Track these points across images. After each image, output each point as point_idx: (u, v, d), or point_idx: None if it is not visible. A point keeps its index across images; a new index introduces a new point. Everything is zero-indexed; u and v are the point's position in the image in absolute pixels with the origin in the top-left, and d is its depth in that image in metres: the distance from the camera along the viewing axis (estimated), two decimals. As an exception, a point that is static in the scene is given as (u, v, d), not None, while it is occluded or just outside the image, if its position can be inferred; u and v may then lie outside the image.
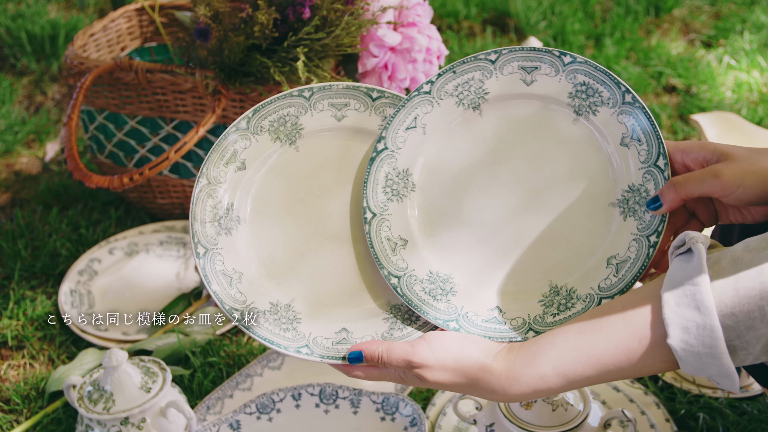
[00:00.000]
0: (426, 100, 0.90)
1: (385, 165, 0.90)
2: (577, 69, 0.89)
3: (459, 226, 0.90)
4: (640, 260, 0.85)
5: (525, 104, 0.90)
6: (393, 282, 0.87)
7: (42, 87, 2.16)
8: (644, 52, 2.16)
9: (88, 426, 1.11)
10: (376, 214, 0.89)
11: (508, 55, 0.90)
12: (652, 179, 0.86)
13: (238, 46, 1.34)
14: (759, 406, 1.17)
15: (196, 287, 1.42)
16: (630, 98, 0.87)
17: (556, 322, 0.85)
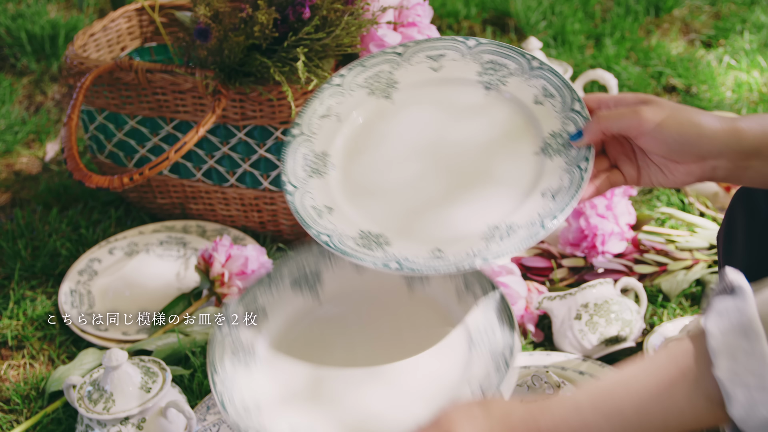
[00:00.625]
0: (337, 92, 0.96)
1: (302, 147, 0.93)
2: (483, 50, 0.96)
3: (385, 194, 0.92)
4: (574, 185, 0.87)
5: (435, 88, 0.97)
6: (324, 239, 0.87)
7: (42, 87, 2.16)
8: (644, 52, 2.16)
9: (88, 426, 1.11)
10: (298, 187, 0.90)
11: (415, 46, 0.98)
12: (572, 122, 0.91)
13: (238, 46, 1.34)
14: (759, 406, 1.17)
15: (196, 287, 1.42)
16: (537, 64, 0.95)
17: (502, 248, 0.85)
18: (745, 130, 0.81)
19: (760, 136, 0.81)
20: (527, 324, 1.32)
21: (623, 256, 1.42)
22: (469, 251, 0.86)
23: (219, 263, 1.36)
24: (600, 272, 1.41)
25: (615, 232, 1.40)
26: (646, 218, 1.48)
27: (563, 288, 1.39)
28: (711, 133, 0.81)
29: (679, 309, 1.36)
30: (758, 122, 0.82)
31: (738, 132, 0.81)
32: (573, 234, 1.42)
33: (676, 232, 1.46)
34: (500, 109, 0.95)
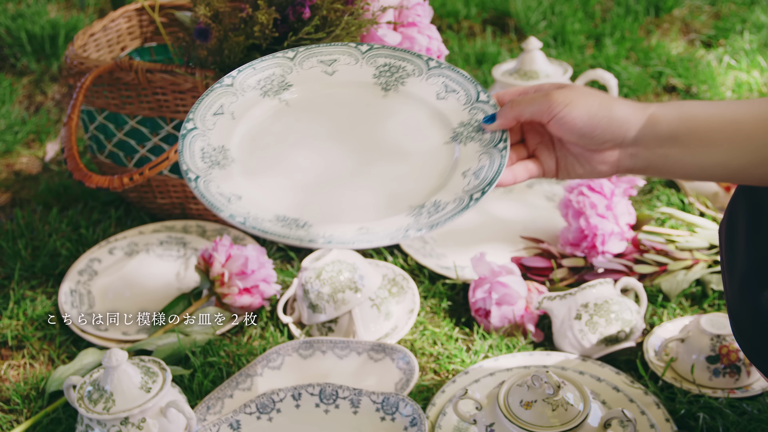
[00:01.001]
0: (229, 92, 0.94)
1: (198, 141, 0.90)
2: (377, 54, 0.96)
3: (295, 186, 0.88)
4: (495, 162, 0.86)
5: (332, 90, 0.96)
6: (239, 220, 0.82)
7: (42, 87, 2.16)
8: (644, 52, 2.16)
9: (88, 426, 1.11)
10: (200, 176, 0.87)
11: (305, 52, 0.97)
12: (480, 111, 0.91)
13: (238, 46, 1.34)
14: (759, 406, 1.17)
15: (196, 287, 1.42)
16: (434, 63, 0.95)
17: (433, 219, 0.83)
18: (658, 115, 0.80)
19: (675, 122, 0.80)
20: (527, 324, 1.32)
21: (623, 256, 1.42)
22: (397, 226, 0.83)
23: (219, 263, 1.36)
24: (600, 272, 1.41)
25: (615, 232, 1.40)
26: (646, 218, 1.48)
27: (563, 288, 1.39)
28: (623, 116, 0.80)
29: (679, 309, 1.36)
30: (673, 108, 0.81)
31: (652, 117, 0.80)
32: (573, 234, 1.42)
33: (676, 232, 1.46)
34: (402, 106, 0.95)
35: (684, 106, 0.82)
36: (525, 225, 1.57)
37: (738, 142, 0.79)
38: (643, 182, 1.46)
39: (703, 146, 0.80)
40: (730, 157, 0.80)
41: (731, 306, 0.86)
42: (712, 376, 1.20)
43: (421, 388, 1.24)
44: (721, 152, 0.80)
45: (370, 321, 1.33)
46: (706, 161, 0.80)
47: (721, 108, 0.81)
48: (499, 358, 1.26)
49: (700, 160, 0.80)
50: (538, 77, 1.72)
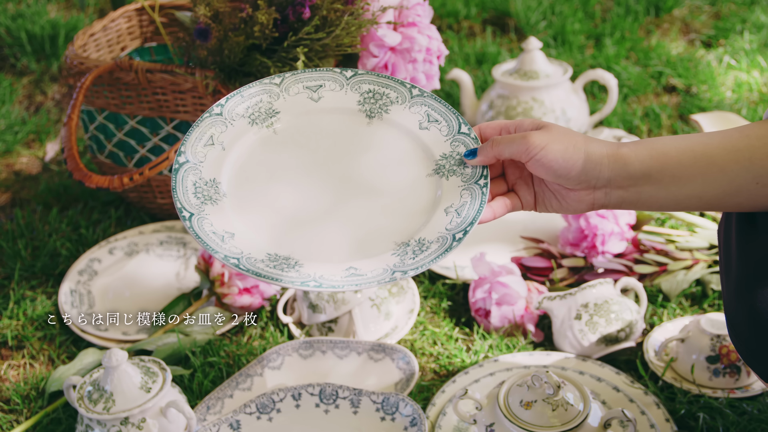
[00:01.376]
0: (219, 121, 0.95)
1: (191, 175, 0.91)
2: (361, 80, 0.98)
3: (283, 220, 0.90)
4: (476, 200, 0.89)
5: (318, 117, 0.98)
6: (233, 262, 0.85)
7: (42, 87, 2.16)
8: (644, 52, 2.16)
9: (88, 426, 1.11)
10: (194, 213, 0.88)
11: (292, 77, 0.99)
12: (461, 143, 0.93)
13: (238, 46, 1.34)
14: (759, 406, 1.17)
15: (196, 287, 1.42)
16: (417, 92, 0.97)
17: (418, 261, 0.85)
18: (630, 156, 0.83)
19: (648, 160, 0.82)
20: (527, 324, 1.32)
21: (623, 256, 1.42)
22: (384, 266, 0.86)
23: (219, 263, 1.36)
24: (600, 272, 1.41)
25: (615, 232, 1.40)
26: (646, 218, 1.48)
27: (563, 288, 1.39)
28: (595, 159, 0.83)
29: (679, 309, 1.36)
30: (645, 147, 0.83)
31: (623, 158, 0.83)
32: (573, 234, 1.42)
33: (676, 232, 1.46)
34: (386, 136, 0.97)
35: (656, 143, 0.84)
36: (525, 225, 1.57)
37: (711, 175, 0.81)
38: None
39: (676, 181, 0.82)
40: (703, 190, 0.82)
41: (727, 308, 0.86)
42: (712, 376, 1.20)
43: (421, 388, 1.24)
44: (694, 185, 0.82)
45: (370, 321, 1.33)
46: (680, 195, 0.83)
47: (692, 142, 0.83)
48: (499, 358, 1.26)
49: (674, 194, 0.83)
50: (538, 77, 1.73)
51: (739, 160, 0.80)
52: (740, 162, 0.80)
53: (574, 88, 1.77)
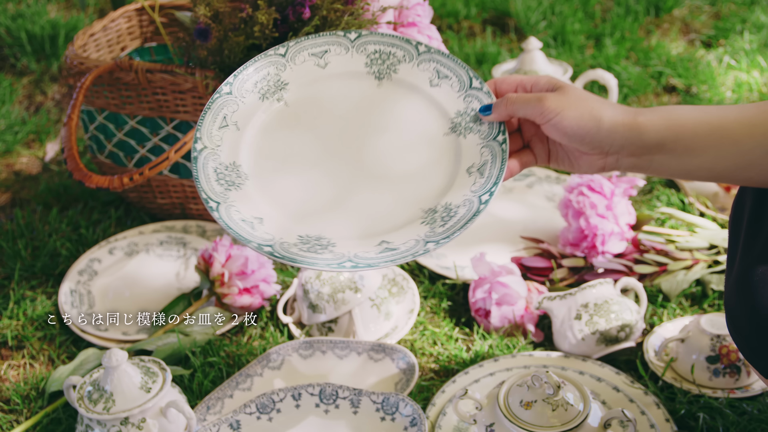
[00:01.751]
0: (230, 101, 0.94)
1: (210, 161, 0.91)
2: (366, 41, 0.96)
3: (308, 197, 0.90)
4: (497, 158, 0.88)
5: (327, 84, 0.96)
6: (267, 250, 0.84)
7: (42, 87, 2.16)
8: (644, 52, 2.16)
9: (88, 426, 1.11)
10: (221, 202, 0.88)
11: (296, 46, 0.97)
12: (474, 99, 0.92)
13: (238, 46, 1.34)
14: (759, 406, 1.17)
15: (196, 287, 1.42)
16: (424, 48, 0.96)
17: (448, 229, 0.85)
18: (646, 125, 0.83)
19: (663, 131, 0.82)
20: (527, 324, 1.32)
21: (623, 256, 1.42)
22: (416, 237, 0.85)
23: (219, 263, 1.36)
24: (600, 272, 1.41)
25: (615, 232, 1.40)
26: (646, 218, 1.48)
27: (563, 288, 1.39)
28: (610, 127, 0.83)
29: (679, 309, 1.36)
30: (661, 116, 0.83)
31: (638, 127, 0.83)
32: (573, 234, 1.42)
33: (676, 232, 1.46)
34: (398, 97, 0.95)
35: (672, 113, 0.84)
36: (525, 225, 1.57)
37: (724, 147, 0.81)
38: (643, 182, 1.46)
39: (689, 152, 0.82)
40: (715, 162, 0.82)
41: (728, 303, 0.86)
42: (712, 376, 1.20)
43: (421, 388, 1.24)
44: (706, 157, 0.82)
45: (370, 321, 1.33)
46: (691, 165, 0.83)
47: (709, 114, 0.83)
48: (499, 358, 1.26)
49: (686, 164, 0.83)
50: (538, 77, 1.72)
51: (753, 134, 0.80)
52: (755, 136, 0.80)
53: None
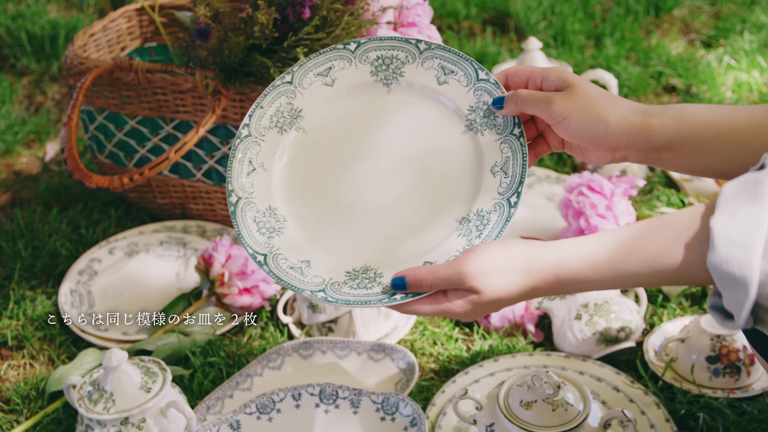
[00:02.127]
0: (251, 141, 0.95)
1: (248, 211, 0.92)
2: (367, 49, 0.96)
3: (345, 226, 0.91)
4: (518, 154, 0.89)
5: (338, 103, 0.97)
6: (321, 296, 0.86)
7: (42, 87, 2.16)
8: (644, 52, 2.16)
9: (88, 426, 1.11)
10: (267, 254, 0.89)
11: (300, 70, 0.97)
12: (485, 92, 0.92)
13: (238, 46, 1.34)
14: (759, 406, 1.17)
15: (196, 287, 1.42)
16: (424, 46, 0.95)
17: (485, 238, 0.86)
18: (654, 127, 0.83)
19: (671, 133, 0.83)
20: (527, 324, 1.32)
21: (623, 256, 1.42)
22: (456, 253, 0.87)
23: (219, 263, 1.36)
24: (600, 272, 1.40)
25: (615, 232, 1.40)
26: (646, 218, 1.47)
27: (563, 288, 1.39)
28: (618, 130, 0.83)
29: (679, 309, 1.36)
30: (671, 118, 0.84)
31: (647, 129, 0.83)
32: (573, 234, 1.42)
33: (676, 232, 1.46)
34: (409, 101, 0.96)
35: (683, 113, 0.84)
36: (525, 225, 1.57)
37: (731, 150, 0.82)
38: (643, 182, 1.46)
39: (696, 153, 0.83)
40: (722, 163, 0.83)
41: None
42: (712, 376, 1.20)
43: (421, 388, 1.24)
44: (713, 158, 0.83)
45: (370, 321, 1.33)
46: (697, 165, 0.84)
47: (718, 115, 0.83)
48: (499, 358, 1.26)
49: (692, 163, 0.84)
50: (538, 77, 1.72)
51: (761, 136, 0.81)
52: (762, 138, 0.81)
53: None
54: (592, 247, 0.78)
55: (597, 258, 0.77)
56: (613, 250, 0.77)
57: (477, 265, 0.79)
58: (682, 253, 0.74)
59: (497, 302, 0.81)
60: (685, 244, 0.73)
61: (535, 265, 0.79)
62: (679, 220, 0.75)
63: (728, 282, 0.69)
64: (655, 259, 0.75)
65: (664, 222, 0.76)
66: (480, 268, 0.79)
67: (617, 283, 0.77)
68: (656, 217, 0.78)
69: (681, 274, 0.74)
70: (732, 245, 0.69)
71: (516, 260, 0.80)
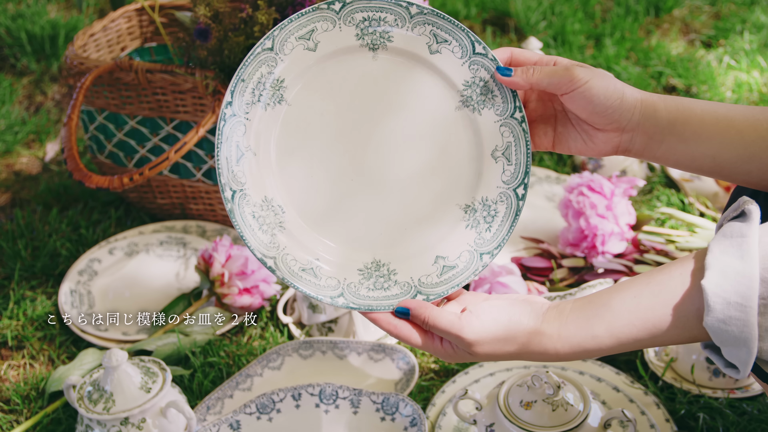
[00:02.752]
0: (236, 122, 0.88)
1: (245, 207, 0.87)
2: (353, 9, 0.88)
3: (349, 218, 0.90)
4: (521, 140, 0.87)
5: (321, 68, 0.89)
6: (342, 302, 0.86)
7: (42, 87, 2.16)
8: (644, 52, 2.16)
9: (88, 426, 1.11)
10: (276, 257, 0.87)
11: (281, 33, 0.88)
12: (481, 66, 0.87)
13: (238, 46, 1.34)
14: (759, 406, 1.17)
15: (196, 287, 1.42)
16: (416, 9, 0.87)
17: (496, 234, 0.86)
18: (660, 104, 0.85)
19: (674, 112, 0.85)
20: (527, 324, 1.32)
21: (623, 257, 1.42)
22: (468, 248, 0.87)
23: (219, 263, 1.36)
24: (600, 272, 1.40)
25: (615, 232, 1.40)
26: (646, 218, 1.48)
27: (563, 288, 1.39)
28: (632, 101, 0.84)
29: (679, 309, 1.36)
30: (672, 100, 0.86)
31: (654, 105, 0.85)
32: (573, 234, 1.42)
33: (676, 233, 1.46)
34: (397, 70, 0.89)
35: (683, 100, 0.86)
36: (525, 225, 1.57)
37: (729, 137, 0.83)
38: (643, 182, 1.45)
39: (695, 138, 0.84)
40: (719, 150, 0.84)
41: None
42: (712, 377, 1.20)
43: (421, 388, 1.24)
44: (711, 144, 0.84)
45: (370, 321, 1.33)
46: (696, 152, 0.85)
47: (716, 105, 0.86)
48: (499, 358, 1.26)
49: (692, 150, 0.85)
50: (538, 77, 1.72)
51: (757, 128, 0.82)
52: (758, 130, 0.82)
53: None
54: (590, 322, 0.80)
55: (596, 331, 0.79)
56: (611, 321, 0.79)
57: (477, 333, 0.81)
58: (680, 317, 0.76)
59: (488, 359, 0.84)
60: (683, 309, 0.76)
61: (535, 340, 0.81)
62: (672, 284, 0.77)
63: (728, 341, 0.72)
64: (654, 326, 0.77)
65: (657, 286, 0.77)
66: (479, 337, 0.81)
67: (618, 350, 0.80)
68: (648, 278, 0.79)
69: (682, 337, 0.77)
70: (727, 306, 0.71)
71: (517, 334, 0.81)
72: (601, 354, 0.80)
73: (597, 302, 0.80)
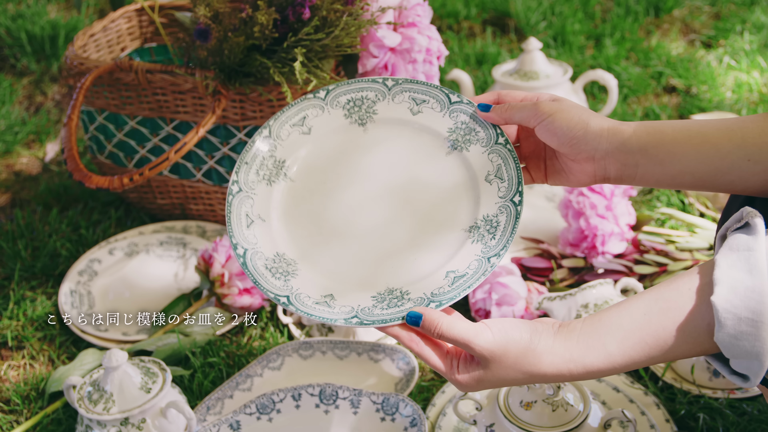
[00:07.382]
0: (243, 196, 0.95)
1: (258, 261, 0.92)
2: (336, 94, 0.98)
3: (360, 260, 0.92)
4: (508, 159, 0.91)
5: (318, 147, 0.97)
6: (355, 322, 0.87)
7: (42, 87, 2.16)
8: (644, 53, 2.16)
9: (88, 426, 1.11)
10: (289, 295, 0.90)
11: (275, 123, 0.97)
12: (460, 112, 0.95)
13: (238, 47, 1.34)
14: (759, 406, 1.17)
15: (196, 287, 1.42)
16: (391, 82, 0.97)
17: (500, 239, 0.87)
18: (627, 130, 0.87)
19: (644, 136, 0.86)
20: (527, 324, 1.32)
21: (623, 257, 1.42)
22: (476, 257, 0.88)
23: (219, 264, 1.36)
24: (600, 273, 1.40)
25: (615, 232, 1.40)
26: (646, 219, 1.48)
27: (563, 288, 1.39)
28: (597, 130, 0.87)
29: (679, 309, 1.36)
30: (643, 125, 0.87)
31: (621, 133, 0.87)
32: (573, 234, 1.42)
33: (676, 233, 1.46)
34: (387, 135, 0.97)
35: (654, 123, 0.88)
36: (525, 225, 1.57)
37: (704, 151, 0.84)
38: (643, 183, 1.45)
39: (671, 157, 0.85)
40: (697, 165, 0.84)
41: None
42: (712, 377, 1.20)
43: (421, 389, 1.24)
44: (688, 161, 0.85)
45: (370, 321, 1.33)
46: (674, 170, 0.85)
47: (689, 123, 0.87)
48: (499, 358, 1.26)
49: (669, 170, 0.86)
50: (538, 78, 1.73)
51: (732, 138, 0.83)
52: (733, 140, 0.83)
53: (574, 88, 1.77)
54: (603, 341, 0.80)
55: (609, 350, 0.80)
56: (622, 340, 0.79)
57: (489, 343, 0.81)
58: (691, 333, 0.77)
59: (498, 384, 0.84)
60: (693, 325, 0.76)
61: (546, 360, 0.81)
62: (681, 300, 0.78)
63: (739, 355, 0.73)
64: (666, 342, 0.78)
65: (666, 303, 0.78)
66: (491, 347, 0.81)
67: (631, 367, 0.80)
68: (657, 295, 0.80)
69: (693, 352, 0.78)
70: (738, 321, 0.72)
71: (526, 366, 0.82)
72: (614, 373, 0.80)
73: (607, 321, 0.81)
